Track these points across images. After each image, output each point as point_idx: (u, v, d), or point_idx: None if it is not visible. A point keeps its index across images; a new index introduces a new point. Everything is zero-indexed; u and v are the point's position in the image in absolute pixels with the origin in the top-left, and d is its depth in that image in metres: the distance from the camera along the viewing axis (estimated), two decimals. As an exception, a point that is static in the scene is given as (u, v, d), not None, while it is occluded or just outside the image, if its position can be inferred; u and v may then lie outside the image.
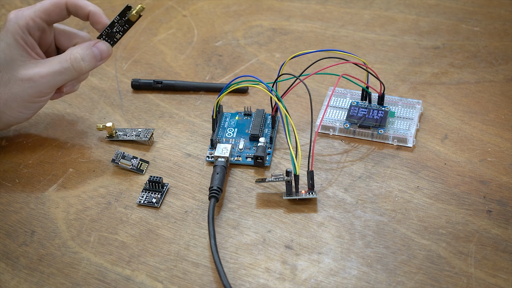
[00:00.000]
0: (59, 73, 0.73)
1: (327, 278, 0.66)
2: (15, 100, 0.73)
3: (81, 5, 0.75)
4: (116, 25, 0.76)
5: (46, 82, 0.73)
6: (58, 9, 0.74)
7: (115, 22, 0.75)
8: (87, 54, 0.74)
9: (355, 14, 0.97)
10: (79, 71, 0.74)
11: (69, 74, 0.74)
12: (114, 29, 0.76)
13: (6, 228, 0.71)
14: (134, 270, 0.67)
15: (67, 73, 0.73)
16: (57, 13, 0.75)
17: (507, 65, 0.88)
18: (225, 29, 0.96)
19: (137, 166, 0.76)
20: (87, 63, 0.74)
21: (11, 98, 0.73)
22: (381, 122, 0.78)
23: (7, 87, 0.72)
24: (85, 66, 0.74)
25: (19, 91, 0.72)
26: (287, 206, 0.72)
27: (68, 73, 0.73)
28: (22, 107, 0.74)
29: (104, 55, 0.75)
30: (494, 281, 0.65)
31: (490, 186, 0.73)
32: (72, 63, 0.73)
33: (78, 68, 0.74)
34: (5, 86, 0.72)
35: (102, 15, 0.75)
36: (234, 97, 0.85)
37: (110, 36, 0.76)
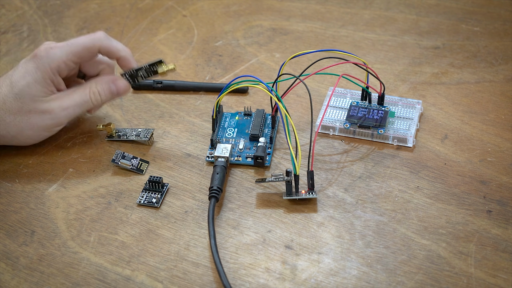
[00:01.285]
0: (79, 105, 0.76)
1: (327, 278, 0.66)
2: (32, 128, 0.75)
3: (113, 51, 0.77)
4: (143, 71, 0.79)
5: (66, 114, 0.76)
6: (90, 53, 0.76)
7: (143, 68, 0.78)
8: (104, 89, 0.77)
9: (355, 14, 0.97)
10: (96, 104, 0.77)
11: (87, 106, 0.77)
12: (139, 73, 0.79)
13: (6, 228, 0.71)
14: (134, 270, 0.67)
15: (85, 106, 0.77)
16: (88, 56, 0.76)
17: (507, 65, 0.88)
18: (225, 29, 0.96)
19: (137, 166, 0.76)
20: (104, 97, 0.77)
21: (28, 127, 0.75)
22: (381, 122, 0.78)
23: (27, 116, 0.74)
24: (102, 100, 0.77)
25: (38, 121, 0.75)
26: (287, 206, 0.72)
27: (87, 105, 0.77)
28: (36, 136, 0.76)
29: (121, 92, 0.78)
30: (494, 281, 0.65)
31: (490, 186, 0.73)
32: (91, 97, 0.76)
33: (95, 102, 0.77)
34: (24, 116, 0.74)
35: (132, 61, 0.78)
36: (234, 97, 0.85)
37: (132, 77, 0.79)
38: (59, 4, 1.01)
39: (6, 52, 0.93)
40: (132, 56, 0.78)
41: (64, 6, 1.01)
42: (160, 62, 0.78)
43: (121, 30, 0.96)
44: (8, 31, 0.97)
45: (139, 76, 0.79)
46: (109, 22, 0.98)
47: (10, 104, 0.74)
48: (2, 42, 0.95)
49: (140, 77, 0.79)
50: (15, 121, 0.74)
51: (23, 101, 0.74)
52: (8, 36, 0.96)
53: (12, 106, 0.74)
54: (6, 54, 0.93)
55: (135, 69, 0.78)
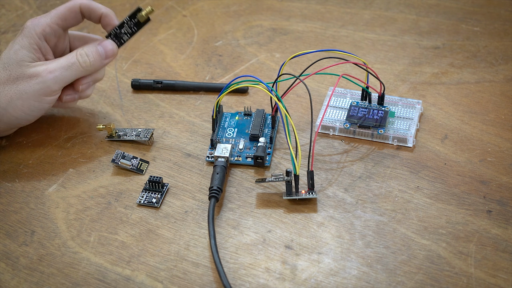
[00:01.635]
0: (66, 67, 0.75)
1: (327, 278, 0.66)
2: (21, 97, 0.74)
3: (94, 8, 0.77)
4: (125, 26, 0.78)
5: (53, 77, 0.74)
6: (73, 13, 0.77)
7: (124, 23, 0.78)
8: (92, 51, 0.76)
9: (355, 14, 0.97)
10: (84, 67, 0.76)
11: (75, 69, 0.75)
12: (123, 30, 0.78)
13: (6, 228, 0.71)
14: (134, 270, 0.67)
15: (73, 68, 0.75)
16: (72, 17, 0.77)
17: (507, 65, 0.88)
18: (225, 29, 0.96)
19: (137, 166, 0.76)
20: (92, 59, 0.76)
21: (17, 95, 0.74)
22: (381, 122, 0.78)
23: (15, 84, 0.74)
24: (90, 61, 0.76)
25: (26, 87, 0.74)
26: (287, 206, 0.72)
27: (75, 68, 0.75)
28: (26, 106, 0.74)
29: (109, 53, 0.77)
30: (494, 281, 0.65)
31: (490, 186, 0.73)
32: (78, 58, 0.75)
33: (83, 63, 0.75)
34: (12, 83, 0.73)
35: (114, 17, 0.78)
36: (234, 97, 0.85)
37: (118, 37, 0.78)
38: (59, 4, 1.01)
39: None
40: (114, 14, 0.78)
41: (64, 6, 1.01)
42: (138, 10, 0.77)
43: (121, 30, 0.96)
44: (8, 31, 0.97)
45: (124, 34, 0.78)
46: (109, 22, 0.97)
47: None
48: (2, 42, 0.95)
49: (125, 35, 0.78)
50: (4, 91, 0.73)
51: (10, 69, 0.74)
52: (8, 36, 0.96)
53: (0, 76, 0.74)
54: (6, 54, 0.93)
55: (117, 26, 0.78)
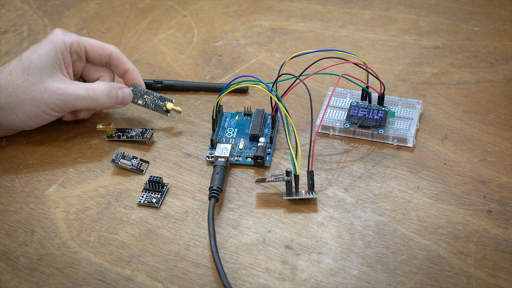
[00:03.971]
0: (82, 98, 0.76)
1: (327, 278, 0.66)
2: (31, 104, 0.74)
3: (123, 60, 0.80)
4: (150, 97, 0.81)
5: (67, 100, 0.75)
6: (102, 51, 0.79)
7: (152, 95, 0.81)
8: (112, 93, 0.77)
9: (355, 14, 0.97)
10: (99, 104, 0.77)
11: (89, 102, 0.76)
12: (145, 96, 0.80)
13: (6, 228, 0.71)
14: (134, 270, 0.67)
15: (88, 101, 0.76)
16: (99, 54, 0.79)
17: (507, 65, 0.88)
18: (225, 29, 0.96)
19: (137, 166, 0.76)
20: (109, 100, 0.77)
21: (28, 101, 0.74)
22: (381, 122, 0.78)
23: (29, 89, 0.74)
24: (106, 102, 0.77)
25: (38, 97, 0.74)
26: (287, 206, 0.72)
27: (90, 101, 0.76)
28: (33, 114, 0.75)
29: (125, 101, 0.79)
30: (494, 281, 0.65)
31: (490, 186, 0.73)
32: (97, 94, 0.76)
33: (99, 101, 0.77)
34: (27, 88, 0.74)
35: (139, 76, 0.81)
36: (234, 97, 0.85)
37: (136, 94, 0.80)
38: (59, 4, 1.01)
39: (6, 52, 0.93)
40: (139, 75, 0.81)
41: (64, 6, 1.01)
42: (170, 100, 0.81)
43: (121, 30, 0.96)
44: (8, 31, 0.97)
45: (143, 99, 0.80)
46: (109, 22, 0.98)
47: (16, 75, 0.74)
48: (2, 42, 0.95)
49: (142, 100, 0.80)
50: (17, 91, 0.73)
51: (30, 73, 0.74)
52: (8, 36, 0.96)
53: (17, 77, 0.74)
54: (6, 54, 0.93)
55: (144, 88, 0.81)
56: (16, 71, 0.74)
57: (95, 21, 0.98)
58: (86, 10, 1.00)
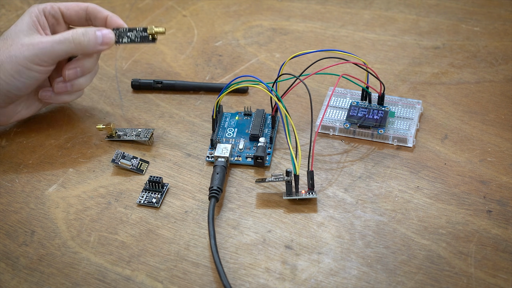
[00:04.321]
0: (58, 41, 0.75)
1: (327, 278, 0.66)
2: (11, 62, 0.75)
3: (100, 10, 0.80)
4: (134, 32, 0.79)
5: (44, 48, 0.75)
6: (77, 8, 0.80)
7: (135, 30, 0.79)
8: (89, 32, 0.77)
9: (355, 14, 0.97)
10: (77, 45, 0.76)
11: (67, 45, 0.76)
12: (128, 33, 0.79)
13: (6, 228, 0.71)
14: (134, 270, 0.67)
15: (65, 44, 0.76)
16: (75, 11, 0.80)
17: (507, 65, 0.88)
18: (225, 29, 0.96)
19: (137, 166, 0.76)
20: (87, 39, 0.76)
21: (8, 59, 0.75)
22: (381, 122, 0.78)
23: (7, 50, 0.75)
24: (84, 41, 0.76)
25: (16, 52, 0.75)
26: (287, 206, 0.72)
27: (67, 44, 0.76)
28: (15, 71, 0.75)
29: (106, 40, 0.78)
30: (494, 281, 0.65)
31: (490, 186, 0.73)
32: (73, 35, 0.76)
33: (76, 40, 0.76)
34: (5, 50, 0.75)
35: (119, 19, 0.80)
36: (234, 97, 0.85)
37: (120, 35, 0.79)
38: (59, 4, 1.01)
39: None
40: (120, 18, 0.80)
41: (64, 6, 1.01)
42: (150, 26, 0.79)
43: (121, 30, 0.96)
44: (8, 31, 0.96)
45: (126, 36, 0.79)
46: (109, 22, 0.97)
47: None
48: (2, 42, 0.94)
49: (127, 37, 0.79)
50: None
51: (7, 38, 0.76)
52: (8, 36, 0.95)
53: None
54: (6, 54, 0.93)
55: (126, 28, 0.79)
56: None
57: (95, 21, 0.98)
58: (86, 10, 1.00)
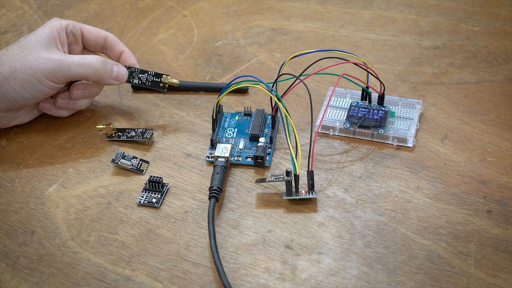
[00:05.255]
0: (77, 64, 0.76)
1: (327, 278, 0.66)
2: (25, 71, 0.75)
3: (118, 43, 0.83)
4: (145, 75, 0.82)
5: (61, 66, 0.75)
6: (98, 34, 0.82)
7: (147, 73, 0.82)
8: (108, 64, 0.78)
9: (355, 14, 0.97)
10: (93, 71, 0.77)
11: (84, 69, 0.76)
12: (140, 75, 0.81)
13: (6, 228, 0.71)
14: (134, 270, 0.67)
15: (83, 67, 0.76)
16: (95, 36, 0.82)
17: (507, 65, 0.88)
18: (225, 29, 0.96)
19: (137, 166, 0.76)
20: (104, 69, 0.78)
21: (22, 68, 0.75)
22: (381, 122, 0.78)
23: (24, 58, 0.75)
24: (101, 70, 0.77)
25: (32, 64, 0.75)
26: (287, 206, 0.72)
27: (84, 67, 0.76)
28: (26, 82, 0.75)
29: (119, 77, 0.80)
30: (494, 281, 0.65)
31: (490, 186, 0.73)
32: (92, 61, 0.77)
33: (94, 67, 0.77)
34: (21, 58, 0.75)
35: (133, 57, 0.83)
36: (234, 97, 0.85)
37: (132, 74, 0.81)
38: (59, 4, 1.01)
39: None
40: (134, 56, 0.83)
41: (64, 6, 1.01)
42: (166, 75, 0.82)
43: (121, 30, 0.96)
44: (8, 31, 0.97)
45: (138, 77, 0.81)
46: (109, 22, 0.98)
47: (11, 50, 0.76)
48: (2, 42, 0.95)
49: (138, 78, 0.81)
50: (11, 61, 0.75)
51: (25, 47, 0.76)
52: (8, 36, 0.96)
53: (13, 51, 0.76)
54: (6, 54, 0.93)
55: (139, 68, 0.82)
56: (12, 47, 0.76)
57: (95, 21, 0.98)
58: (86, 10, 1.00)
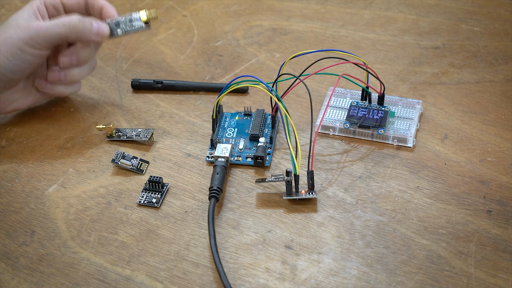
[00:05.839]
0: (54, 24, 0.76)
1: (327, 278, 0.66)
2: (6, 43, 0.75)
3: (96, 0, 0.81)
4: (123, 19, 0.80)
5: (39, 29, 0.76)
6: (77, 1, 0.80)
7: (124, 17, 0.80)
8: (85, 20, 0.77)
9: (355, 14, 0.97)
10: (72, 28, 0.76)
11: (62, 28, 0.76)
12: (120, 24, 0.80)
13: (6, 228, 0.71)
14: (134, 270, 0.67)
15: (60, 26, 0.76)
16: (76, 1, 0.80)
17: (507, 65, 0.88)
18: (225, 29, 0.96)
19: (137, 166, 0.76)
20: (82, 25, 0.77)
21: (3, 41, 0.75)
22: (381, 122, 0.78)
23: (4, 33, 0.76)
24: (79, 26, 0.77)
25: (12, 34, 0.75)
26: (287, 206, 0.72)
27: (62, 26, 0.76)
28: (9, 53, 0.75)
29: (101, 31, 0.79)
30: (494, 281, 0.65)
31: (490, 186, 0.73)
32: (69, 20, 0.77)
33: (72, 24, 0.77)
34: (3, 33, 0.76)
35: (113, 10, 0.81)
36: (234, 97, 0.85)
37: (113, 27, 0.80)
38: (59, 4, 1.01)
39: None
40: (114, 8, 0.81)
41: (64, 6, 1.01)
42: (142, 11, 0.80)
43: (121, 30, 0.96)
44: (8, 31, 0.96)
45: (120, 29, 0.80)
46: (109, 22, 0.98)
47: None
48: (2, 42, 0.95)
49: (121, 29, 0.80)
50: None
51: (6, 24, 0.77)
52: (8, 36, 0.95)
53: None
54: (6, 54, 0.93)
55: (117, 19, 0.80)
56: None
57: (95, 21, 0.98)
58: (86, 10, 1.00)
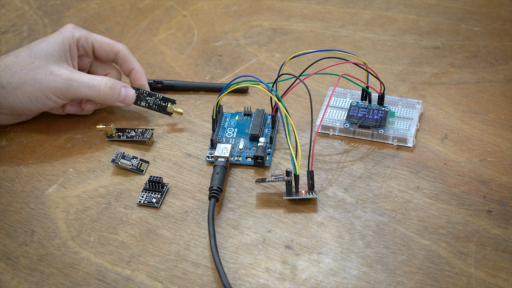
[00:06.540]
0: (86, 85, 0.76)
1: (327, 278, 0.66)
2: (33, 85, 0.75)
3: (129, 59, 0.81)
4: (153, 98, 0.81)
5: (71, 85, 0.76)
6: (109, 49, 0.80)
7: (155, 96, 0.81)
8: (116, 88, 0.78)
9: (355, 14, 0.97)
10: (101, 95, 0.77)
11: (92, 91, 0.77)
12: (147, 98, 0.81)
13: (6, 228, 0.71)
14: (134, 270, 0.67)
15: (91, 90, 0.77)
16: (106, 51, 0.81)
17: (507, 65, 0.88)
18: (225, 29, 0.96)
19: (137, 166, 0.76)
20: (111, 93, 0.78)
21: (31, 82, 0.75)
22: (381, 122, 0.78)
23: (34, 71, 0.75)
24: (108, 94, 0.78)
25: (42, 79, 0.75)
26: (287, 206, 0.72)
27: (93, 90, 0.77)
28: (34, 96, 0.75)
29: (127, 100, 0.80)
30: (494, 281, 0.65)
31: (490, 186, 0.73)
32: (101, 85, 0.77)
33: (102, 92, 0.77)
34: (31, 70, 0.75)
35: (144, 76, 0.82)
36: (234, 97, 0.85)
37: (139, 97, 0.81)
38: (59, 4, 1.01)
39: (6, 52, 0.93)
40: (144, 73, 0.82)
41: (64, 6, 1.01)
42: (172, 102, 0.81)
43: (121, 30, 0.96)
44: (8, 31, 0.97)
45: (146, 100, 0.81)
46: (109, 22, 0.98)
47: (22, 58, 0.75)
48: (2, 42, 0.95)
49: (145, 101, 0.81)
50: (21, 72, 0.74)
51: (36, 57, 0.75)
52: (8, 36, 0.96)
53: (23, 59, 0.75)
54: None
55: (147, 91, 0.81)
56: (22, 54, 0.76)
57: (95, 21, 0.98)
58: (86, 10, 1.00)
